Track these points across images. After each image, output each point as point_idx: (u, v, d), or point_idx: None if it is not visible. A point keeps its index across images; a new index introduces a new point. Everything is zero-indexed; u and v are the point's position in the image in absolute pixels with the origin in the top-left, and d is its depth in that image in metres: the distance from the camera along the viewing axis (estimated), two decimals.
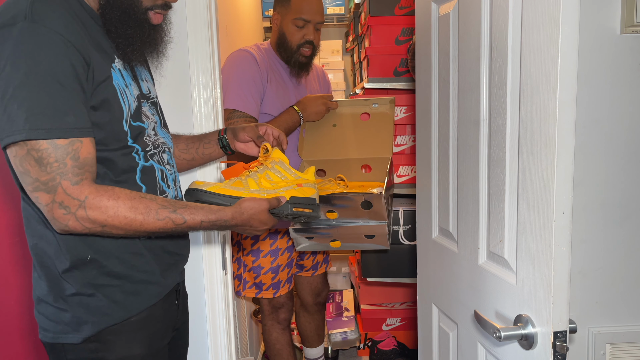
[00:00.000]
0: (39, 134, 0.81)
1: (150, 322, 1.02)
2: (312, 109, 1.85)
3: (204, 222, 0.93)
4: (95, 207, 0.84)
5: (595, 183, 1.31)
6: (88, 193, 0.84)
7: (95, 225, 0.86)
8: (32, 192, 0.84)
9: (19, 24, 0.80)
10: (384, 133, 1.86)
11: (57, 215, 0.84)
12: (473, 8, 1.03)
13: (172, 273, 1.07)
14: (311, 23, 1.85)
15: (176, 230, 0.92)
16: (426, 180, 1.32)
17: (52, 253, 0.94)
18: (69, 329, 0.95)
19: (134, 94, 0.99)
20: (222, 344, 1.53)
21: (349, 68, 3.83)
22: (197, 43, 1.43)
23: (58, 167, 0.83)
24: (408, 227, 1.98)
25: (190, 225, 0.92)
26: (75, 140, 0.84)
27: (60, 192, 0.83)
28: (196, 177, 1.49)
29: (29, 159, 0.82)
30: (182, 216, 0.91)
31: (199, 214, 0.92)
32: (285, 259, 1.96)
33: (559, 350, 0.82)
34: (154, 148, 1.03)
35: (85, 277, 0.94)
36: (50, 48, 0.81)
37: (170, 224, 0.90)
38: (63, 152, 0.83)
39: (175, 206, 0.91)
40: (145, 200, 0.89)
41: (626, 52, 1.28)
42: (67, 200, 0.83)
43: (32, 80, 0.80)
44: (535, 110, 0.83)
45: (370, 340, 2.55)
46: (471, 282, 1.08)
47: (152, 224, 0.88)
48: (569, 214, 0.80)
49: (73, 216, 0.84)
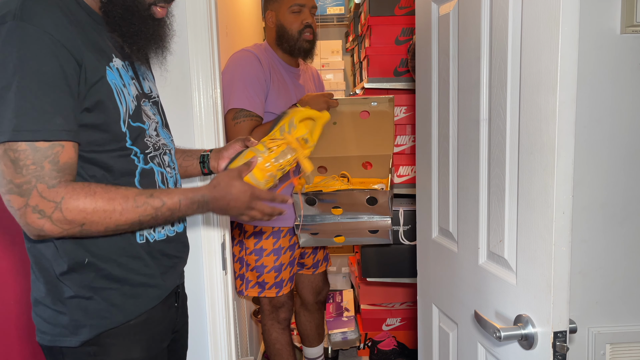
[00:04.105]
0: (23, 135, 0.78)
1: (149, 325, 1.01)
2: (314, 107, 1.86)
3: (182, 200, 0.91)
4: (73, 207, 0.82)
5: (596, 183, 1.31)
6: (64, 194, 0.81)
7: (73, 226, 0.83)
8: (5, 194, 0.81)
9: (7, 23, 0.79)
10: (384, 131, 1.87)
11: (30, 220, 0.80)
12: (473, 8, 1.02)
13: (171, 276, 1.07)
14: (306, 7, 1.88)
15: (157, 217, 0.89)
16: (426, 180, 1.32)
17: (50, 255, 0.92)
18: (66, 332, 0.93)
19: (133, 94, 0.97)
20: (222, 344, 1.53)
21: (349, 68, 3.84)
22: (197, 43, 1.42)
23: (35, 170, 0.80)
24: (408, 227, 1.98)
25: (169, 207, 0.89)
26: (56, 143, 0.81)
27: (35, 196, 0.80)
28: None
29: (4, 160, 0.79)
30: (160, 198, 0.89)
31: (176, 194, 0.91)
32: (287, 258, 1.97)
33: (559, 350, 0.82)
34: (154, 150, 1.01)
35: (83, 280, 0.93)
36: (38, 48, 0.79)
37: (150, 209, 0.88)
38: (41, 155, 0.80)
39: (152, 192, 0.90)
40: (121, 190, 0.87)
41: (626, 52, 1.28)
42: (42, 204, 0.80)
43: (18, 81, 0.78)
44: (535, 110, 0.83)
45: (370, 340, 2.55)
46: (471, 282, 1.08)
47: (131, 212, 0.86)
48: (569, 214, 0.80)
49: (48, 220, 0.81)
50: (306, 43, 1.89)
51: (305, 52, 1.91)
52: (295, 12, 1.86)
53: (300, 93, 1.97)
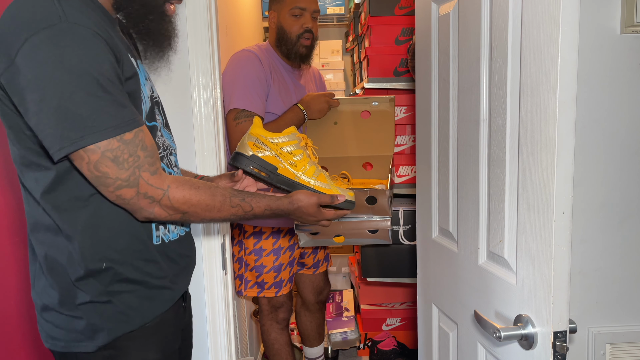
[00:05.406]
0: (108, 132, 0.80)
1: (163, 327, 1.01)
2: (316, 107, 1.86)
3: (266, 210, 1.01)
4: (180, 196, 0.88)
5: (595, 183, 1.31)
6: (170, 182, 0.88)
7: (177, 212, 0.90)
8: (114, 191, 0.84)
9: (56, 26, 0.77)
10: (384, 131, 1.87)
11: (143, 204, 0.86)
12: (473, 8, 1.02)
13: (185, 277, 1.07)
14: (307, 11, 1.86)
15: (242, 218, 0.98)
16: (426, 180, 1.32)
17: (65, 261, 0.91)
18: (82, 337, 0.92)
19: (148, 93, 0.98)
20: (222, 344, 1.53)
21: (349, 68, 3.83)
22: (197, 43, 1.42)
23: (134, 161, 0.84)
24: (408, 227, 1.98)
25: (255, 212, 0.99)
26: (137, 131, 0.84)
27: (142, 184, 0.85)
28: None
29: (104, 161, 0.82)
30: (250, 204, 0.98)
31: (263, 202, 1.00)
32: (287, 258, 1.96)
33: (559, 350, 0.82)
34: (163, 150, 1.02)
35: (100, 285, 0.92)
36: (94, 47, 0.80)
37: (241, 211, 0.97)
38: (133, 146, 0.83)
39: (242, 195, 0.98)
40: (219, 189, 0.95)
41: (626, 52, 1.28)
42: (151, 191, 0.86)
43: (86, 81, 0.78)
44: (535, 110, 0.83)
45: (370, 340, 2.55)
46: (471, 282, 1.08)
47: (227, 211, 0.95)
48: (568, 214, 0.80)
49: (158, 204, 0.87)
50: (303, 48, 1.87)
51: (301, 57, 1.90)
52: (295, 16, 1.85)
53: (301, 93, 1.96)
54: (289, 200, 1.05)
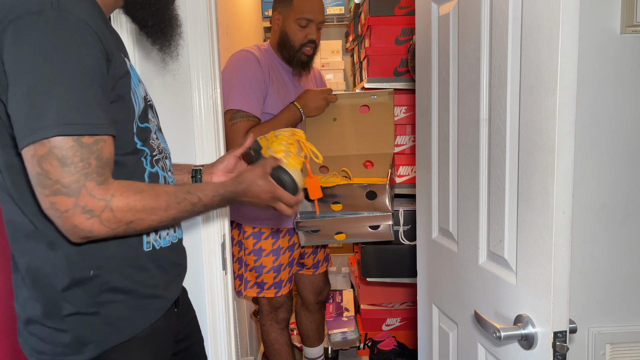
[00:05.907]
0: (72, 129, 0.74)
1: (155, 336, 0.97)
2: (313, 105, 1.86)
3: (215, 196, 0.93)
4: (123, 205, 0.78)
5: (596, 183, 1.31)
6: (114, 191, 0.78)
7: (120, 225, 0.79)
8: (50, 196, 0.74)
9: (46, 12, 0.74)
10: (384, 127, 1.86)
11: (78, 221, 0.75)
12: (473, 8, 1.02)
13: (175, 286, 1.04)
14: (314, 22, 1.85)
15: (192, 212, 0.90)
16: (426, 180, 1.32)
17: (48, 271, 0.87)
18: (69, 350, 0.88)
19: (142, 94, 0.95)
20: (222, 344, 1.53)
21: (349, 68, 3.83)
22: (197, 43, 1.42)
23: (82, 167, 0.75)
24: (408, 227, 1.98)
25: (204, 202, 0.91)
26: (100, 138, 0.77)
27: (84, 195, 0.75)
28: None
29: (50, 158, 0.73)
30: (196, 194, 0.90)
31: (209, 190, 0.93)
32: (286, 258, 1.96)
33: (559, 350, 0.82)
34: (159, 153, 1.00)
35: (88, 294, 0.88)
36: (80, 39, 0.76)
37: (188, 205, 0.88)
38: (88, 151, 0.75)
39: (188, 187, 0.90)
40: (161, 186, 0.87)
41: (626, 52, 1.28)
42: (92, 203, 0.75)
43: (63, 73, 0.74)
44: (535, 110, 0.83)
45: (370, 340, 2.55)
46: (471, 282, 1.08)
47: (174, 208, 0.86)
48: (569, 213, 0.80)
49: (97, 219, 0.76)
50: (305, 57, 1.88)
51: (302, 65, 1.90)
52: (302, 26, 1.84)
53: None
54: (235, 180, 0.97)
